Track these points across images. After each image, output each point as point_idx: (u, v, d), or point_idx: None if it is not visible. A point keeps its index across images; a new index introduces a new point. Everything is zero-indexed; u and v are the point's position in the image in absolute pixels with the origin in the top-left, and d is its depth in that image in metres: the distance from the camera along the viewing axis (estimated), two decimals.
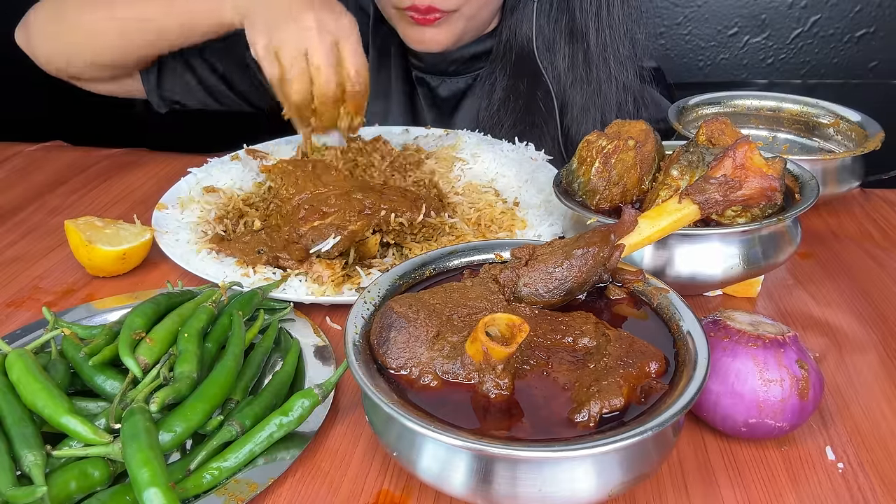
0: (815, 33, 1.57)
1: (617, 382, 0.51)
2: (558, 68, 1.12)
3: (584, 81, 1.11)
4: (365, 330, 0.57)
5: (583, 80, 1.11)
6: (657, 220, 0.64)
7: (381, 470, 0.58)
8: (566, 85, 1.12)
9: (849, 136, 1.05)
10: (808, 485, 0.56)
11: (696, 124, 1.09)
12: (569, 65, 1.11)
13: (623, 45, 1.10)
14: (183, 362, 0.58)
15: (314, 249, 0.80)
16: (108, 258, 0.82)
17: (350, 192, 0.85)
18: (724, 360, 0.58)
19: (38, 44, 1.07)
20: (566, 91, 1.13)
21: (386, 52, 1.19)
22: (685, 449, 0.60)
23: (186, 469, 0.54)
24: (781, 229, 0.74)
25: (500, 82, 1.14)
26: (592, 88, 1.11)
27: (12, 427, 0.52)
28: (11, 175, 1.16)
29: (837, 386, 0.67)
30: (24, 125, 1.12)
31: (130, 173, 1.16)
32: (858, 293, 0.82)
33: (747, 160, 0.63)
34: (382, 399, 0.49)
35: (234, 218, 0.90)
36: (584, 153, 0.79)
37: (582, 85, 1.11)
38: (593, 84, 1.11)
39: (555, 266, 0.61)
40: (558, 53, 1.11)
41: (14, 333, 0.71)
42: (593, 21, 1.08)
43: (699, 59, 1.62)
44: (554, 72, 1.12)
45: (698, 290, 0.79)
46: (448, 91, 1.19)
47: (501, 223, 0.89)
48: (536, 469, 0.48)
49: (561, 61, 1.11)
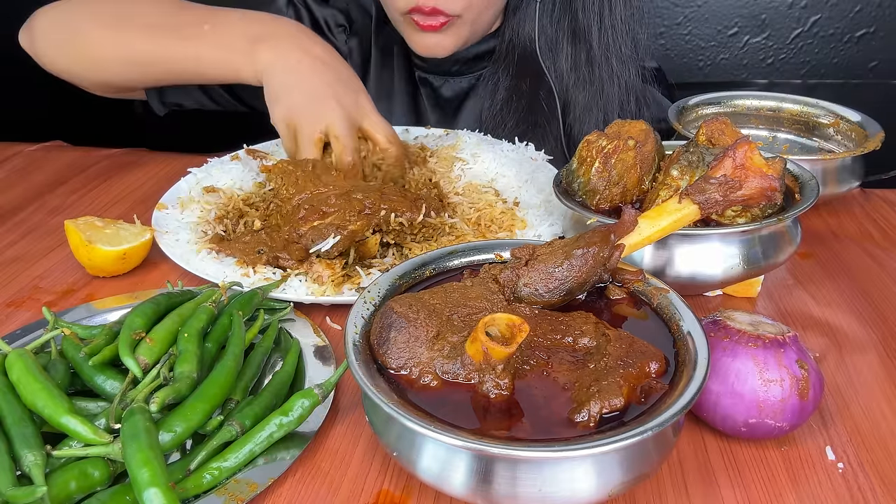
0: (815, 33, 1.57)
1: (617, 382, 0.51)
2: (561, 68, 1.12)
3: (587, 81, 1.11)
4: (365, 330, 0.57)
5: (585, 80, 1.11)
6: (657, 220, 0.64)
7: (381, 470, 0.58)
8: (569, 85, 1.12)
9: (849, 136, 1.05)
10: (808, 485, 0.56)
11: (696, 124, 1.09)
12: (571, 65, 1.11)
13: (625, 45, 1.10)
14: (183, 362, 0.58)
15: (314, 249, 0.80)
16: (108, 258, 0.82)
17: (350, 192, 0.85)
18: (724, 360, 0.58)
19: (42, 49, 1.07)
20: (569, 91, 1.13)
21: (389, 52, 1.19)
22: (685, 449, 0.60)
23: (186, 469, 0.54)
24: (781, 229, 0.74)
25: (503, 82, 1.14)
26: (595, 88, 1.11)
27: (12, 427, 0.52)
28: (11, 175, 1.16)
29: (837, 386, 0.67)
30: (24, 125, 1.12)
31: (130, 173, 1.16)
32: (858, 293, 0.82)
33: (747, 160, 0.63)
34: (382, 399, 0.49)
35: (234, 218, 0.90)
36: (584, 153, 0.79)
37: (585, 85, 1.11)
38: (596, 84, 1.11)
39: (555, 266, 0.61)
40: (561, 53, 1.11)
41: (14, 333, 0.71)
42: (596, 21, 1.08)
43: (699, 59, 1.62)
44: (556, 71, 1.12)
45: (698, 290, 0.79)
46: (451, 91, 1.20)
47: (501, 223, 0.89)
48: (536, 469, 0.48)
49: (564, 61, 1.11)
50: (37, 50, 1.07)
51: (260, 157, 1.00)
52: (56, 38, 1.05)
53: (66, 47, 1.04)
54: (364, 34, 1.20)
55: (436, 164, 0.99)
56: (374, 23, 1.19)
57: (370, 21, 1.19)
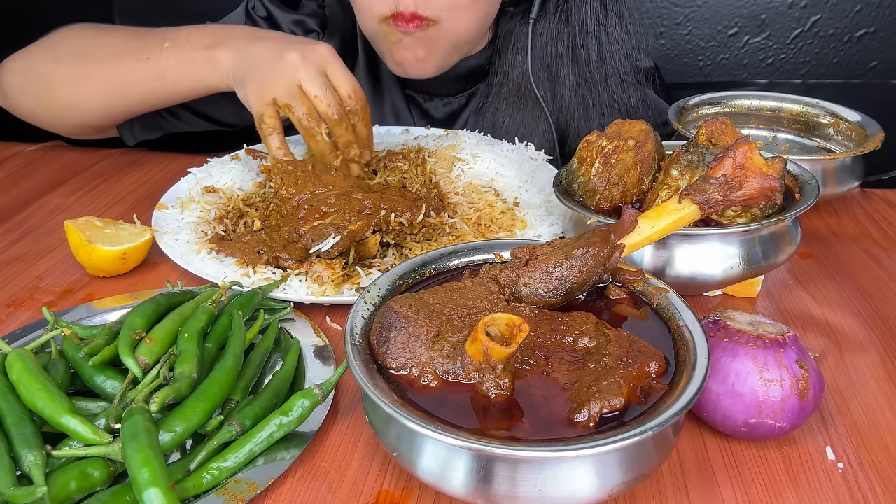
0: (815, 33, 1.57)
1: (617, 382, 0.51)
2: (559, 97, 1.10)
3: (587, 108, 1.09)
4: (365, 330, 0.57)
5: (586, 109, 1.09)
6: (657, 220, 0.64)
7: (381, 470, 0.58)
8: (568, 114, 1.11)
9: (849, 136, 1.05)
10: (808, 485, 0.56)
11: (696, 124, 1.09)
12: (571, 92, 1.09)
13: (624, 71, 1.08)
14: (183, 362, 0.58)
15: (314, 249, 0.80)
16: (108, 258, 0.82)
17: (350, 192, 0.85)
18: (724, 360, 0.58)
19: (14, 101, 1.07)
20: (568, 121, 1.11)
21: (375, 67, 1.17)
22: (685, 449, 0.60)
23: (186, 469, 0.54)
24: (781, 229, 0.74)
25: (498, 115, 1.12)
26: (597, 118, 1.09)
27: (12, 427, 0.52)
28: (11, 175, 1.16)
29: (837, 386, 0.67)
30: (24, 125, 1.12)
31: (130, 173, 1.16)
32: (858, 293, 0.82)
33: (747, 160, 0.63)
34: (382, 399, 0.49)
35: (234, 218, 0.90)
36: (584, 153, 0.79)
37: (586, 113, 1.10)
38: (596, 115, 1.09)
39: (555, 266, 0.61)
40: (559, 82, 1.09)
41: (14, 333, 0.71)
42: (594, 46, 1.06)
43: (699, 59, 1.62)
44: (553, 101, 1.10)
45: (698, 290, 0.79)
46: (441, 112, 1.18)
47: (501, 223, 0.89)
48: (536, 469, 0.48)
49: (559, 90, 1.09)
50: (9, 102, 1.08)
51: (260, 157, 1.00)
52: (25, 88, 1.05)
53: (35, 95, 1.04)
54: (345, 33, 1.16)
55: (436, 164, 0.99)
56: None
57: (351, 17, 1.12)
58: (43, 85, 1.03)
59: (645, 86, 1.14)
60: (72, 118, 1.06)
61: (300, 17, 1.16)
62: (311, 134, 0.91)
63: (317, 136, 0.91)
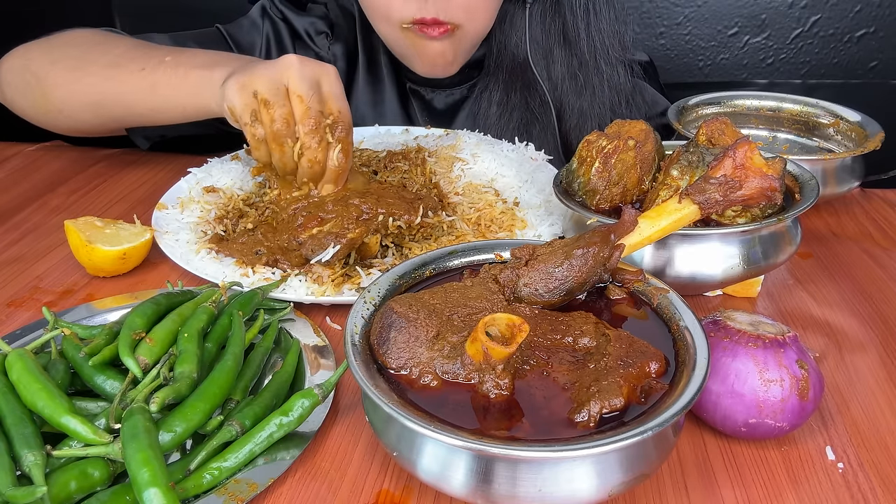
0: (815, 33, 1.57)
1: (617, 382, 0.51)
2: (554, 75, 1.11)
3: (581, 86, 1.11)
4: (365, 330, 0.57)
5: (580, 86, 1.11)
6: (657, 220, 0.64)
7: (381, 470, 0.58)
8: (562, 92, 1.12)
9: (849, 136, 1.05)
10: (808, 485, 0.56)
11: (696, 124, 1.09)
12: (564, 71, 1.11)
13: (613, 48, 1.10)
14: (183, 362, 0.58)
15: (314, 260, 0.80)
16: (108, 258, 0.82)
17: (347, 196, 0.85)
18: (724, 360, 0.58)
19: (10, 98, 1.06)
20: (563, 98, 1.12)
21: (376, 59, 1.17)
22: (685, 449, 0.60)
23: (186, 469, 0.54)
24: (781, 229, 0.74)
25: (496, 95, 1.13)
26: (588, 93, 1.11)
27: (12, 427, 0.52)
28: (11, 175, 1.16)
29: (837, 386, 0.67)
30: (24, 125, 1.12)
31: (130, 173, 1.16)
32: (858, 293, 0.82)
33: (747, 160, 0.63)
34: (382, 399, 0.49)
35: (234, 218, 0.90)
36: (584, 153, 0.79)
37: (578, 90, 1.11)
38: (588, 89, 1.11)
39: (555, 266, 0.61)
40: (552, 60, 1.11)
41: (14, 333, 0.71)
42: (583, 25, 1.08)
43: (699, 59, 1.62)
44: (549, 79, 1.12)
45: (698, 290, 0.79)
46: (443, 103, 1.19)
47: (501, 223, 0.89)
48: (536, 469, 0.48)
49: (555, 68, 1.11)
50: (7, 100, 1.07)
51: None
52: (20, 87, 1.05)
53: (30, 95, 1.04)
54: (349, 38, 1.17)
55: (436, 164, 0.99)
56: (358, 25, 1.16)
57: (353, 23, 1.15)
58: (37, 86, 1.02)
59: (641, 77, 1.15)
60: (64, 122, 1.05)
61: (312, 19, 1.17)
62: (279, 141, 0.81)
63: (284, 145, 0.82)
